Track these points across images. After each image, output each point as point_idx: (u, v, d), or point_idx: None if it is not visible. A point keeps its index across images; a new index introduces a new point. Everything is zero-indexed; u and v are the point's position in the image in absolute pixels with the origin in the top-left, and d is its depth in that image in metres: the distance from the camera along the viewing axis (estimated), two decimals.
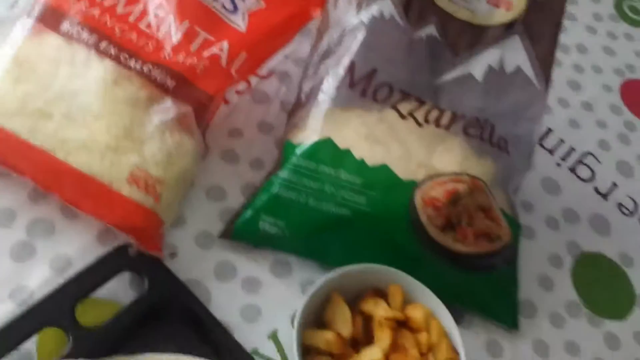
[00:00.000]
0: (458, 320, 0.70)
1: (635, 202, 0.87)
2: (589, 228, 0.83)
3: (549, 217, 0.82)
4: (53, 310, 0.57)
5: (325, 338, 0.58)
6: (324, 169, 0.65)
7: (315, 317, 0.61)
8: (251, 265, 0.67)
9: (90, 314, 0.58)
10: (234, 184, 0.72)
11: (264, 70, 0.75)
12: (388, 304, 0.62)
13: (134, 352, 0.58)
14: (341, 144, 0.66)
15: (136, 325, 0.60)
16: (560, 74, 0.95)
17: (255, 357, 0.62)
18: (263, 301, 0.65)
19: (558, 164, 0.88)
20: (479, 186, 0.70)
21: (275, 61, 0.75)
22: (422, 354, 0.60)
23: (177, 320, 0.62)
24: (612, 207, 0.86)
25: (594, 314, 0.75)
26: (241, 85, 0.73)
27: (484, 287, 0.69)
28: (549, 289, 0.76)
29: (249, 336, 0.63)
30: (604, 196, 0.87)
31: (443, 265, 0.68)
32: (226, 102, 0.76)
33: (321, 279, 0.61)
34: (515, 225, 0.74)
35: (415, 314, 0.62)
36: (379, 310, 0.61)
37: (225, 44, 0.69)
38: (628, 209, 0.86)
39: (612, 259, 0.81)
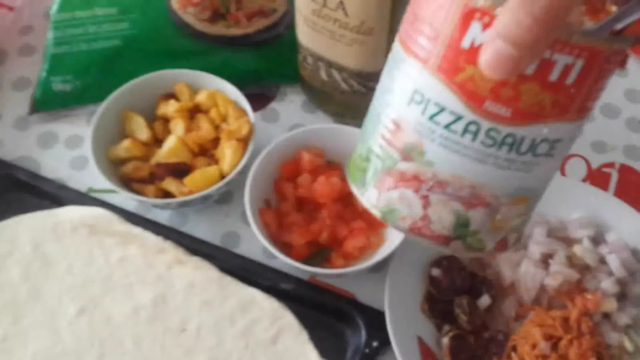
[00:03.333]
0: (272, 97, 0.76)
1: None
2: None
3: None
4: None
5: (123, 146, 0.65)
6: (79, 14, 0.71)
7: (120, 138, 0.68)
8: (69, 126, 0.74)
9: None
10: (36, 71, 0.77)
11: None
12: (179, 101, 0.68)
13: None
14: None
15: None
16: None
17: (91, 193, 0.69)
18: (88, 151, 0.72)
19: None
20: None
21: None
22: (216, 127, 0.66)
23: (16, 191, 0.69)
24: None
25: None
26: None
27: (277, 56, 0.74)
28: None
29: (82, 180, 0.70)
30: None
31: (228, 52, 0.73)
32: (11, 8, 0.81)
33: (104, 102, 0.67)
34: None
35: (201, 97, 0.67)
36: (169, 107, 0.67)
37: None
38: None
39: None
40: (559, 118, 0.35)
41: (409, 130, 0.37)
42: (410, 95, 0.37)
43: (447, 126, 0.36)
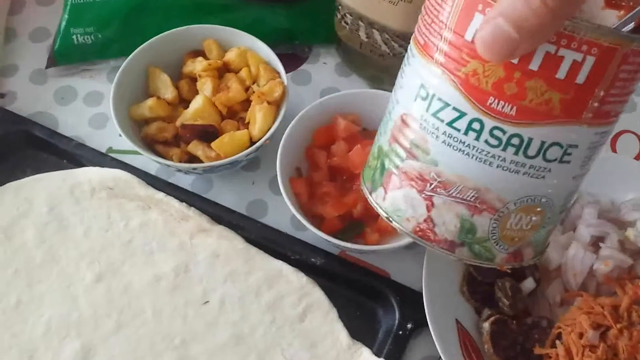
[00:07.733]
0: (304, 58, 0.72)
1: None
2: None
3: None
4: None
5: (147, 105, 0.61)
6: None
7: (144, 96, 0.63)
8: (89, 81, 0.70)
9: None
10: (55, 21, 0.73)
11: None
12: (207, 59, 0.64)
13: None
14: None
15: None
16: None
17: (110, 153, 0.65)
18: (108, 109, 0.68)
19: None
20: None
21: None
22: (247, 88, 0.62)
23: (32, 148, 0.65)
24: None
25: None
26: None
27: (311, 14, 0.70)
28: None
29: (102, 140, 0.67)
30: None
31: (259, 8, 0.68)
32: None
33: (128, 57, 0.62)
34: None
35: (231, 55, 0.63)
36: (197, 65, 0.63)
37: None
38: None
39: None
40: (571, 121, 0.33)
41: (415, 127, 0.36)
42: (416, 91, 0.36)
43: (450, 123, 0.34)
